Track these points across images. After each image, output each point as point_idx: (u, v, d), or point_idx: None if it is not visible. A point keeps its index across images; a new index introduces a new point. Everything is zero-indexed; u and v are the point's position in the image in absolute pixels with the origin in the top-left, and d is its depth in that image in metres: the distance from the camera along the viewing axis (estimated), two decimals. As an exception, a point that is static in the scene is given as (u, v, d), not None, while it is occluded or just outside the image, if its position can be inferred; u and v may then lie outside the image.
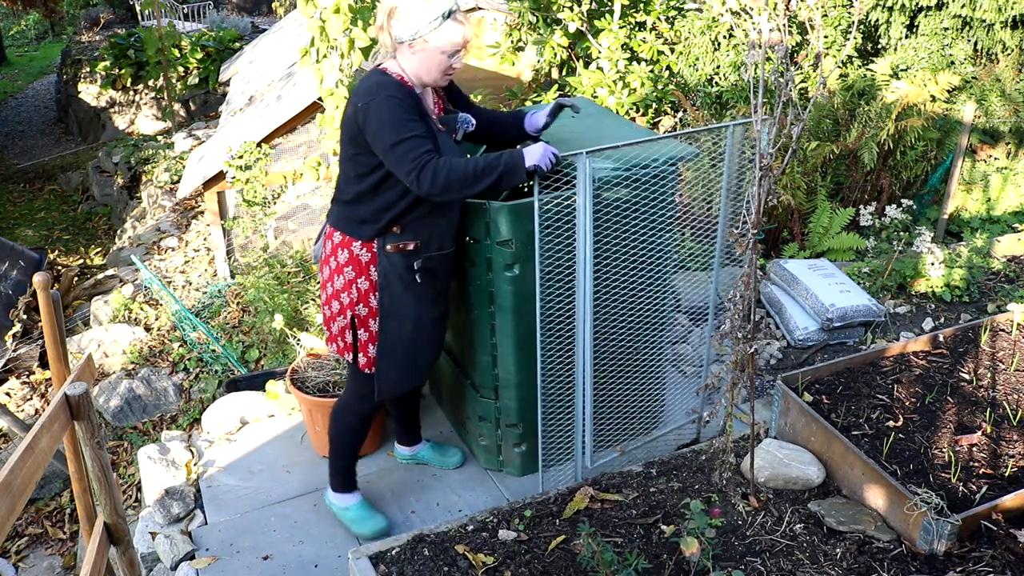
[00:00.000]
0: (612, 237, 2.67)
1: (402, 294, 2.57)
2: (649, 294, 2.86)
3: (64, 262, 9.17)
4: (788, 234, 5.41)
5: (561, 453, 2.91)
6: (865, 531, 2.39)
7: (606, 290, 2.71)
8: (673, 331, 3.00)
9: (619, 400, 2.96)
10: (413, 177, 2.32)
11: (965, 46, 6.58)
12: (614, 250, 2.68)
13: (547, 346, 2.68)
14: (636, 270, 2.77)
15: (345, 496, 2.84)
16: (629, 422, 3.05)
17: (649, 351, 3.01)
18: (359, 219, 2.52)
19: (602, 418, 2.94)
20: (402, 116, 2.34)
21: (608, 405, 2.94)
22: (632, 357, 2.95)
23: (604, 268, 2.67)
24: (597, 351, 2.79)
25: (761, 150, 2.17)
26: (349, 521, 2.82)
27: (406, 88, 2.41)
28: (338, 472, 2.83)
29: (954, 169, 5.41)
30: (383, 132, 2.34)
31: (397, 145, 2.33)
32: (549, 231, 2.54)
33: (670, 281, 2.94)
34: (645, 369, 3.03)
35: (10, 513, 1.63)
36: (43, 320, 2.47)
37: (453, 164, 2.33)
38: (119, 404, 4.91)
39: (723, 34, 6.85)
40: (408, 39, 2.38)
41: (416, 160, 2.32)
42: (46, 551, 4.42)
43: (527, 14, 7.08)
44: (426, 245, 2.56)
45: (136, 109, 13.60)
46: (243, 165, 6.78)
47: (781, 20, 2.04)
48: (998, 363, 3.11)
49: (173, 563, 2.77)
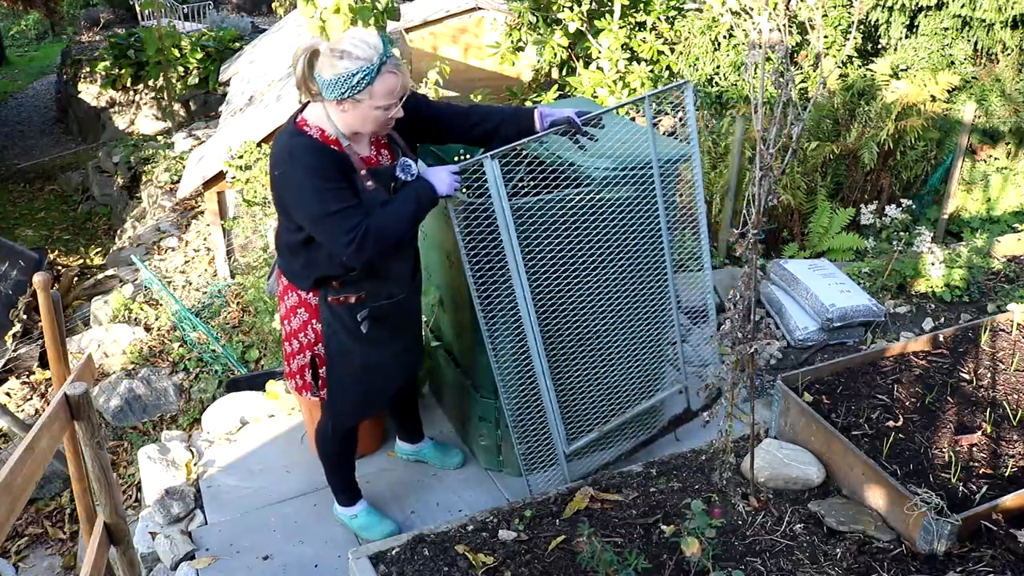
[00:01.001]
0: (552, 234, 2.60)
1: (349, 342, 2.47)
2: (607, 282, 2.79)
3: (64, 262, 9.17)
4: (788, 234, 5.42)
5: (542, 448, 2.88)
6: (865, 531, 2.39)
7: (557, 282, 2.67)
8: (644, 311, 2.92)
9: (591, 385, 2.91)
10: (351, 251, 2.18)
11: (965, 46, 6.58)
12: (550, 247, 2.61)
13: (500, 344, 2.67)
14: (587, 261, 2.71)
15: (350, 507, 2.83)
16: (605, 405, 2.97)
17: (615, 333, 2.91)
18: (294, 271, 2.43)
19: (575, 405, 2.89)
20: (322, 186, 2.17)
21: (580, 391, 2.89)
22: (596, 341, 2.87)
23: (548, 262, 2.63)
24: (557, 341, 2.76)
25: (761, 150, 2.17)
26: (358, 528, 2.81)
27: (325, 149, 2.22)
28: (338, 488, 2.82)
29: (954, 169, 5.41)
30: (305, 206, 2.20)
31: (323, 219, 2.18)
32: (477, 234, 2.48)
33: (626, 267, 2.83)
34: (613, 350, 2.93)
35: (10, 513, 1.63)
36: (43, 320, 2.47)
37: (382, 225, 2.19)
38: (119, 404, 4.91)
39: (723, 34, 6.85)
40: (335, 98, 2.16)
41: (349, 234, 2.16)
42: (46, 551, 4.42)
43: (527, 14, 7.08)
44: (373, 295, 2.43)
45: (136, 109, 13.60)
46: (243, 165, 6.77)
47: (781, 20, 2.04)
48: (998, 363, 3.11)
49: (173, 563, 2.77)
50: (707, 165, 5.46)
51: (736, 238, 2.31)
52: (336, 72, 2.13)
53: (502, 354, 2.68)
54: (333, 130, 2.26)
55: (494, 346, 2.65)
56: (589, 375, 2.89)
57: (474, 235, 2.48)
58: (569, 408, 2.87)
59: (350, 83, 2.13)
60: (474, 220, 2.47)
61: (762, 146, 2.17)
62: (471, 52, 8.84)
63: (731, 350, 2.42)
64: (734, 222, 5.03)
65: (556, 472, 2.89)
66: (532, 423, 2.82)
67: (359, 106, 2.19)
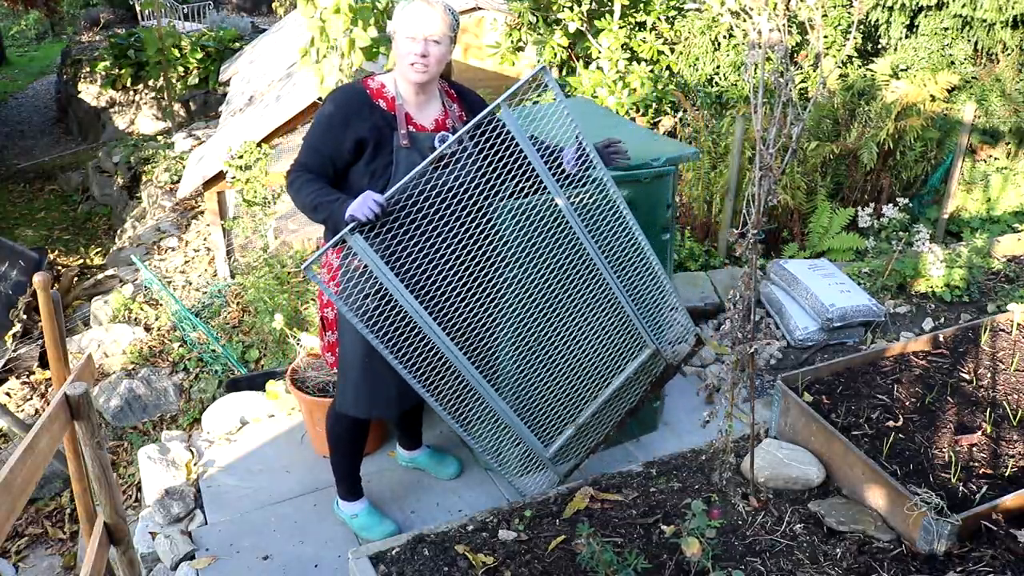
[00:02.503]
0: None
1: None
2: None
3: (64, 262, 9.17)
4: (788, 234, 5.41)
5: (525, 461, 2.82)
6: (865, 531, 2.39)
7: (470, 307, 2.50)
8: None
9: (550, 389, 2.75)
10: (287, 180, 2.39)
11: (965, 46, 6.58)
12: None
13: (438, 389, 2.51)
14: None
15: (352, 504, 2.82)
16: (572, 401, 2.81)
17: (560, 332, 2.70)
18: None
19: (540, 412, 2.76)
20: (324, 124, 2.38)
21: (540, 398, 2.74)
22: (541, 347, 2.68)
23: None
24: (496, 361, 2.62)
25: (761, 150, 2.17)
26: (358, 528, 2.81)
27: (361, 93, 2.39)
28: (341, 478, 2.80)
29: (954, 169, 5.41)
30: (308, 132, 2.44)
31: (303, 141, 2.41)
32: (356, 297, 2.36)
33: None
34: (563, 349, 2.72)
35: (10, 513, 1.63)
36: (43, 320, 2.47)
37: (302, 188, 2.34)
38: (119, 404, 4.91)
39: (723, 34, 6.85)
40: (390, 33, 2.40)
41: (295, 167, 2.39)
42: (46, 551, 4.42)
43: (527, 14, 7.08)
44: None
45: (136, 109, 13.60)
46: (243, 165, 6.78)
47: (781, 20, 2.04)
48: (998, 363, 3.11)
49: (173, 563, 2.77)
50: (707, 165, 5.46)
51: (736, 238, 2.32)
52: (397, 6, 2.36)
53: (444, 397, 2.54)
54: (393, 88, 2.42)
55: (432, 393, 2.50)
56: (545, 380, 2.73)
57: (353, 297, 2.36)
58: (535, 418, 2.74)
59: (396, 10, 2.35)
60: (351, 282, 2.35)
61: (762, 146, 2.17)
62: (471, 52, 8.84)
63: (731, 350, 2.42)
64: (734, 222, 5.03)
65: (546, 475, 2.87)
66: (505, 444, 2.75)
67: (395, 38, 2.36)
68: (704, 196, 5.37)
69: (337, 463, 2.79)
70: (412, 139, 2.39)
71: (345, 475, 2.80)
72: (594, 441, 2.91)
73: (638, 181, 2.77)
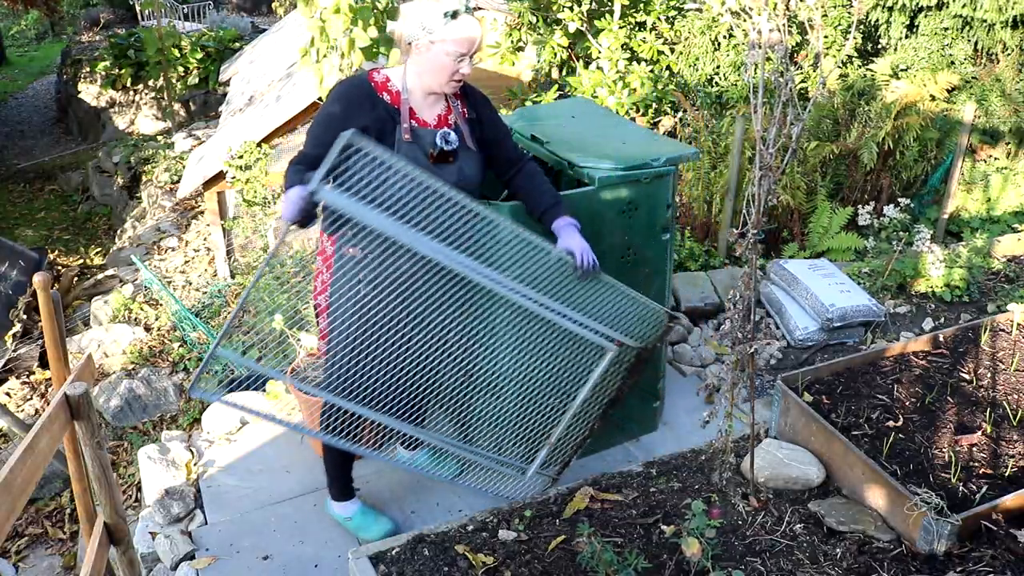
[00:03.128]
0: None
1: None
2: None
3: (64, 262, 9.17)
4: (788, 234, 5.41)
5: (511, 483, 2.83)
6: (865, 531, 2.39)
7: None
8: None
9: (512, 422, 2.70)
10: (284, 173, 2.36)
11: (965, 46, 6.58)
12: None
13: (410, 462, 2.63)
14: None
15: (345, 505, 2.81)
16: (542, 424, 2.74)
17: (507, 374, 2.61)
18: None
19: (511, 442, 2.74)
20: (325, 117, 2.35)
21: (505, 433, 2.71)
22: (493, 391, 2.64)
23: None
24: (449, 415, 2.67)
25: (761, 150, 2.17)
26: (354, 529, 2.79)
27: (364, 86, 2.36)
28: (333, 478, 2.78)
29: (954, 169, 5.41)
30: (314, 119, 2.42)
31: (309, 131, 2.40)
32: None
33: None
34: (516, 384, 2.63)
35: (10, 513, 1.63)
36: (43, 320, 2.47)
37: (288, 179, 2.27)
38: (119, 404, 4.91)
39: (723, 34, 6.86)
40: (414, 39, 2.31)
41: (295, 156, 2.37)
42: (46, 551, 4.42)
43: (527, 14, 7.08)
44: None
45: (136, 109, 13.60)
46: (243, 165, 6.78)
47: (781, 20, 2.04)
48: (998, 363, 3.11)
49: (173, 563, 2.77)
50: (707, 165, 5.46)
51: (736, 238, 2.32)
52: (423, 11, 2.28)
53: (417, 463, 2.66)
54: (400, 81, 2.38)
55: (407, 462, 2.57)
56: (505, 417, 2.70)
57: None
58: (508, 448, 2.74)
59: (430, 19, 2.26)
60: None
61: (762, 146, 2.17)
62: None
63: (731, 350, 2.42)
64: (734, 222, 5.03)
65: (536, 480, 2.85)
66: (489, 473, 2.78)
67: (433, 48, 2.29)
68: (704, 196, 5.37)
69: (330, 462, 2.77)
70: (414, 134, 2.37)
71: (337, 475, 2.78)
72: (578, 439, 2.87)
73: (638, 181, 2.77)
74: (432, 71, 2.33)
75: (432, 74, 2.33)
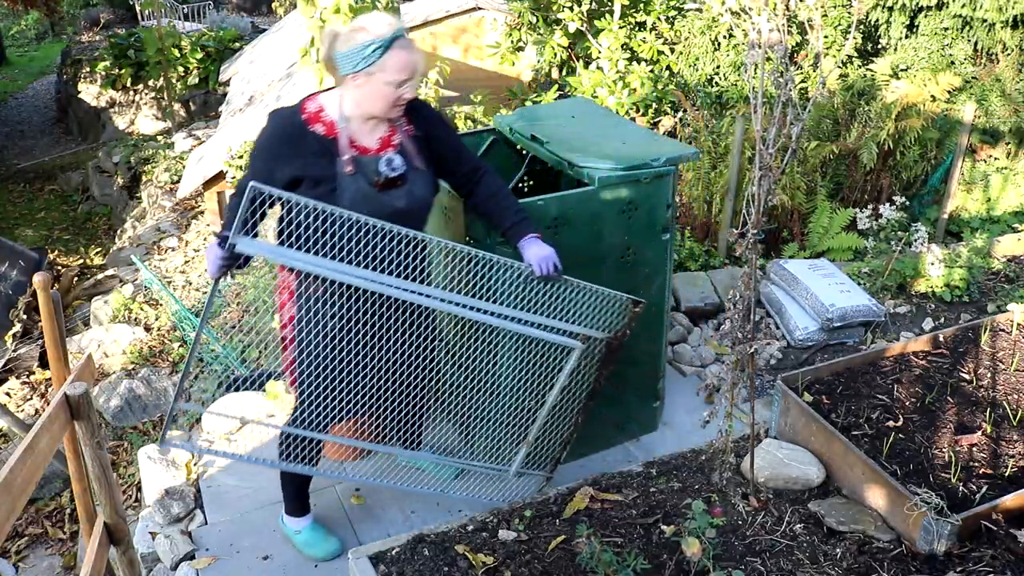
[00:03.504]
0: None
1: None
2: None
3: (64, 262, 9.17)
4: (788, 234, 5.41)
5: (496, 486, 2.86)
6: (865, 531, 2.39)
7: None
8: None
9: (487, 428, 2.73)
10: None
11: (965, 46, 6.58)
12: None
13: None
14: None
15: (297, 520, 2.77)
16: (516, 427, 2.75)
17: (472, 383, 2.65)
18: None
19: (488, 445, 2.76)
20: (256, 155, 2.31)
21: (483, 439, 2.75)
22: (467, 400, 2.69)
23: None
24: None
25: (761, 150, 2.17)
26: (301, 544, 2.74)
27: (294, 119, 2.28)
28: (289, 495, 2.74)
29: (954, 169, 5.41)
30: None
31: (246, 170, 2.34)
32: None
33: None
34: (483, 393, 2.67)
35: (10, 513, 1.63)
36: (43, 320, 2.47)
37: (229, 210, 2.27)
38: (119, 404, 4.91)
39: (723, 34, 6.85)
40: (350, 72, 2.22)
41: (239, 182, 2.33)
42: (46, 551, 4.42)
43: (527, 14, 7.08)
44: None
45: (136, 109, 13.60)
46: (243, 165, 6.77)
47: (781, 20, 2.04)
48: (998, 363, 3.11)
49: (173, 563, 2.77)
50: (707, 165, 5.46)
51: (736, 238, 2.32)
52: (351, 45, 2.20)
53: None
54: (336, 111, 2.30)
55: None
56: (478, 424, 2.73)
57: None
58: (483, 452, 2.76)
59: (363, 53, 2.19)
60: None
61: (762, 146, 2.17)
62: (471, 52, 8.84)
63: (731, 350, 2.42)
64: (734, 222, 5.03)
65: (528, 480, 2.85)
66: (476, 480, 2.81)
67: (371, 79, 2.22)
68: (704, 196, 5.37)
69: (287, 480, 2.71)
70: (356, 163, 2.28)
71: (293, 492, 2.73)
72: (563, 435, 2.83)
73: (638, 181, 2.77)
74: (372, 101, 2.26)
75: (373, 103, 2.26)
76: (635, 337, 3.03)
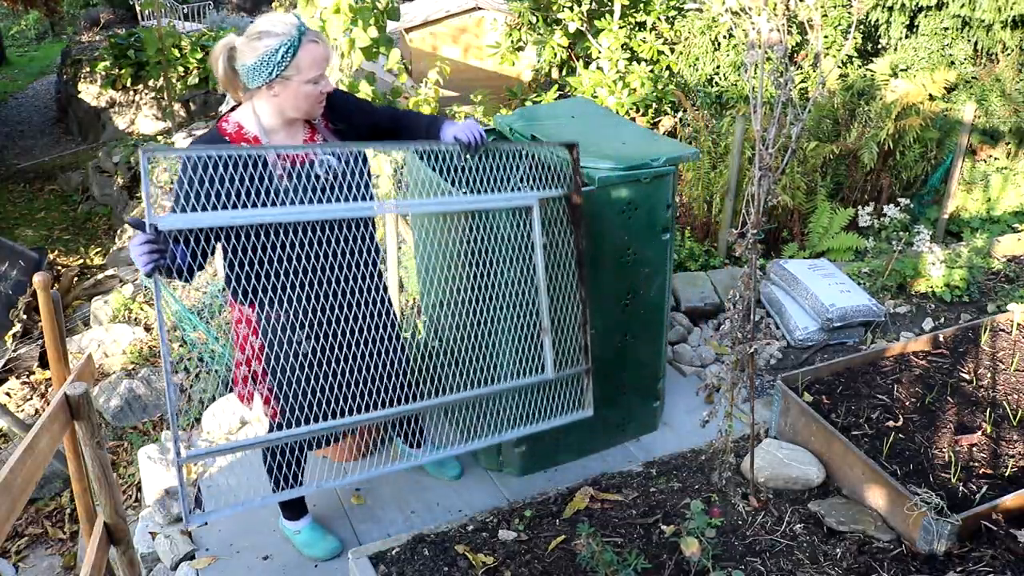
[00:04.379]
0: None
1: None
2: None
3: (64, 262, 9.17)
4: (788, 234, 5.41)
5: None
6: (865, 531, 2.39)
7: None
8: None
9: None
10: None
11: (965, 46, 6.58)
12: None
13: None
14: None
15: (296, 521, 2.78)
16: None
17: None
18: None
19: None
20: (183, 183, 2.16)
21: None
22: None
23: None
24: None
25: (761, 150, 2.17)
26: (301, 544, 2.75)
27: (217, 140, 2.23)
28: (283, 504, 2.76)
29: (954, 169, 5.41)
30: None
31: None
32: None
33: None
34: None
35: (10, 513, 1.63)
36: (43, 320, 2.47)
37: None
38: (119, 404, 4.91)
39: (723, 34, 6.86)
40: (263, 81, 2.15)
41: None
42: (46, 551, 4.41)
43: (527, 14, 7.09)
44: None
45: (136, 109, 13.60)
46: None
47: (781, 20, 2.04)
48: (998, 363, 3.11)
49: (173, 563, 2.77)
50: (707, 165, 5.46)
51: (736, 238, 2.32)
52: (258, 54, 2.12)
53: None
54: (255, 125, 2.24)
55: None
56: (497, 344, 2.70)
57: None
58: (516, 368, 2.72)
59: (275, 59, 2.12)
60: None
61: (761, 146, 2.17)
62: (471, 52, 8.84)
63: (731, 350, 2.42)
64: (734, 222, 5.04)
65: (574, 387, 2.71)
66: (521, 413, 2.73)
67: (289, 84, 2.16)
68: (704, 196, 5.37)
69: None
70: (291, 176, 2.24)
71: (289, 500, 2.73)
72: (577, 316, 2.66)
73: (638, 181, 2.77)
74: (295, 104, 2.21)
75: (296, 107, 2.22)
76: (635, 337, 3.04)
